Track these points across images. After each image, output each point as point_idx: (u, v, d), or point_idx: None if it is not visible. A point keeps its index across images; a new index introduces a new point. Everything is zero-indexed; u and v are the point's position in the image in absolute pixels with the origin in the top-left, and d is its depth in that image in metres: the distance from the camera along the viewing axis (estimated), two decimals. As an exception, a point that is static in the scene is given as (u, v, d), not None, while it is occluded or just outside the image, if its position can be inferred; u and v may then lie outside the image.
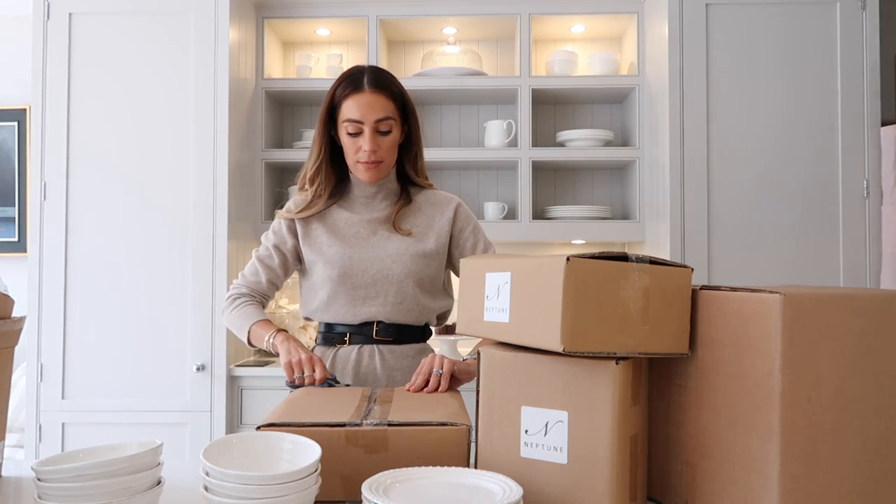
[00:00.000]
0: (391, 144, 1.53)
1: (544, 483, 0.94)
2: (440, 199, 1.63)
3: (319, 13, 2.77)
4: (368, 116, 1.48)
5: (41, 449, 2.42)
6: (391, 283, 1.53)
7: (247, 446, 0.96)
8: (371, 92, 1.49)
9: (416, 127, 1.58)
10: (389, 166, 1.56)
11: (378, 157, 1.50)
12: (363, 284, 1.53)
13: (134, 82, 2.48)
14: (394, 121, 1.51)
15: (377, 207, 1.59)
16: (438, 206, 1.61)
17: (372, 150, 1.49)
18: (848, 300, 0.85)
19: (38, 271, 2.45)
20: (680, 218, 2.41)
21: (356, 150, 1.51)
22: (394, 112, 1.51)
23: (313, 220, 1.59)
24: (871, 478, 0.85)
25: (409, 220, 1.58)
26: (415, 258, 1.54)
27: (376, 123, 1.49)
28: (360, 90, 1.49)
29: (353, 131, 1.50)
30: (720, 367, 0.92)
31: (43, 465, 0.88)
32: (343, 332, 1.56)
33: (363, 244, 1.55)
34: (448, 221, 1.59)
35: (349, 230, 1.57)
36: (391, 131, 1.51)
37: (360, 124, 1.49)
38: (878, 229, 2.37)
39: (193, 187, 2.46)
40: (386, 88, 1.51)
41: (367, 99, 1.48)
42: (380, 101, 1.49)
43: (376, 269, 1.53)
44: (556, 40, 3.01)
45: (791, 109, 2.41)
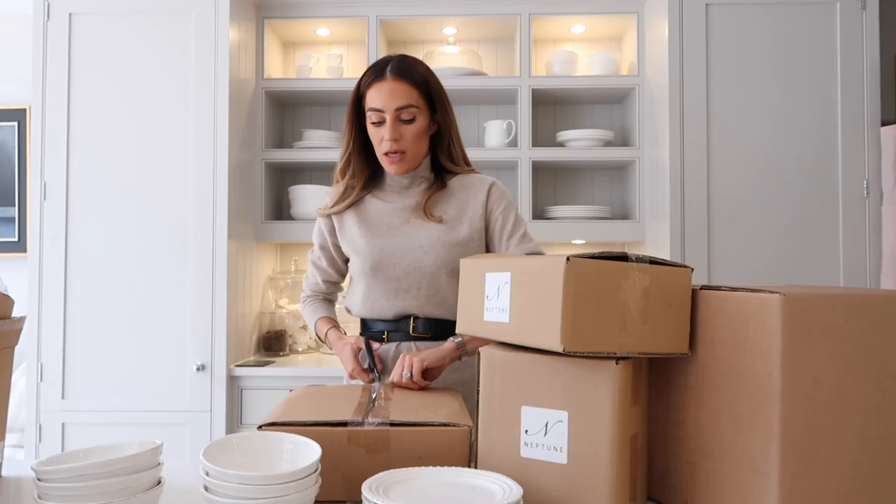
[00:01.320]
0: (415, 133, 1.48)
1: (544, 483, 0.94)
2: (474, 181, 1.57)
3: (319, 13, 2.77)
4: (389, 104, 1.45)
5: (41, 449, 2.42)
6: (424, 275, 1.50)
7: (247, 446, 0.96)
8: (392, 79, 1.45)
9: (446, 113, 1.53)
10: (416, 157, 1.52)
11: (401, 146, 1.47)
12: (395, 277, 1.51)
13: (134, 82, 2.48)
14: (417, 109, 1.47)
15: (410, 195, 1.56)
16: (472, 189, 1.56)
17: (392, 139, 1.45)
18: (848, 300, 0.85)
19: (38, 271, 2.45)
20: (680, 218, 2.41)
21: (380, 140, 1.48)
22: (417, 100, 1.47)
23: (348, 212, 1.57)
24: (871, 478, 0.85)
25: (441, 207, 1.53)
26: (447, 247, 1.50)
27: (397, 112, 1.45)
28: (382, 78, 1.45)
29: (376, 120, 1.47)
30: (720, 367, 0.92)
31: (43, 465, 0.88)
32: (381, 329, 1.55)
33: (394, 234, 1.52)
34: (481, 204, 1.54)
35: (381, 220, 1.54)
36: (415, 119, 1.47)
37: (381, 113, 1.46)
38: (878, 229, 2.37)
39: (193, 187, 2.46)
40: (408, 76, 1.46)
41: (389, 87, 1.45)
42: (401, 89, 1.45)
43: (408, 261, 1.50)
44: (556, 40, 3.01)
45: (791, 109, 2.41)
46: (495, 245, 1.56)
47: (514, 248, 1.54)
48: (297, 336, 2.87)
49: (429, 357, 1.38)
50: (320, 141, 2.79)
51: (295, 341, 2.87)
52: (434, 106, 1.51)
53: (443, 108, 1.52)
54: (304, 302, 1.71)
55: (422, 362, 1.36)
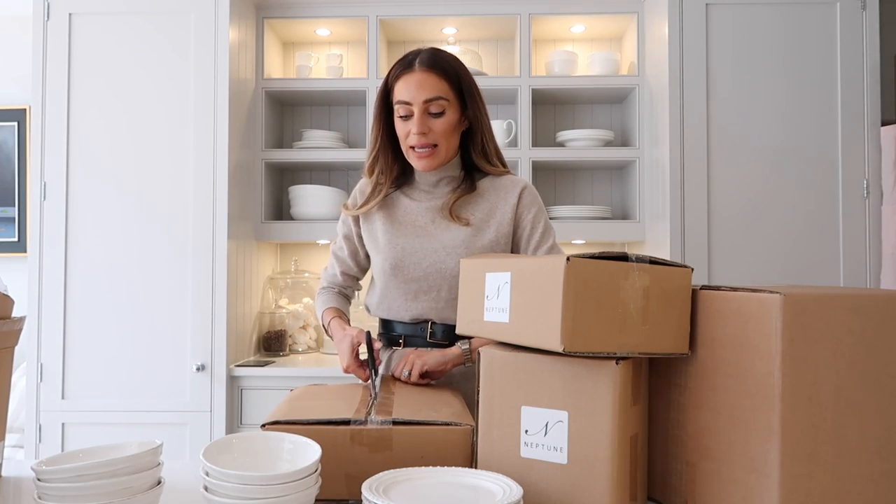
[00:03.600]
0: (445, 127, 1.41)
1: (544, 483, 0.94)
2: (505, 183, 1.50)
3: (319, 13, 2.77)
4: (417, 97, 1.38)
5: (41, 449, 2.42)
6: (444, 278, 1.45)
7: (247, 446, 0.96)
8: (422, 71, 1.38)
9: (478, 108, 1.46)
10: (446, 152, 1.45)
11: (429, 140, 1.40)
12: (415, 277, 1.46)
13: (134, 82, 2.48)
14: (447, 101, 1.40)
15: (437, 194, 1.50)
16: (502, 192, 1.49)
17: (420, 133, 1.39)
18: (848, 300, 0.85)
19: (38, 271, 2.45)
20: (680, 218, 2.41)
21: (406, 134, 1.42)
22: (447, 92, 1.40)
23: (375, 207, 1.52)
24: (871, 478, 0.85)
25: (469, 209, 1.47)
26: (471, 251, 1.44)
27: (426, 104, 1.38)
28: (411, 70, 1.39)
29: (403, 114, 1.41)
30: (720, 367, 0.92)
31: (43, 465, 0.88)
32: (399, 332, 1.52)
33: (419, 233, 1.47)
34: (511, 208, 1.47)
35: (407, 218, 1.50)
36: (444, 113, 1.40)
37: (409, 106, 1.39)
38: (878, 229, 2.37)
39: (193, 187, 2.46)
40: (438, 67, 1.40)
41: (417, 78, 1.38)
42: (430, 80, 1.38)
43: (429, 262, 1.45)
44: (556, 40, 3.01)
45: (791, 109, 2.41)
46: (521, 252, 1.51)
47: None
48: (297, 336, 2.87)
49: (431, 360, 1.37)
50: (320, 141, 2.79)
51: (295, 341, 2.87)
52: (465, 100, 1.44)
53: (474, 102, 1.45)
54: (318, 294, 1.67)
55: (423, 365, 1.35)
